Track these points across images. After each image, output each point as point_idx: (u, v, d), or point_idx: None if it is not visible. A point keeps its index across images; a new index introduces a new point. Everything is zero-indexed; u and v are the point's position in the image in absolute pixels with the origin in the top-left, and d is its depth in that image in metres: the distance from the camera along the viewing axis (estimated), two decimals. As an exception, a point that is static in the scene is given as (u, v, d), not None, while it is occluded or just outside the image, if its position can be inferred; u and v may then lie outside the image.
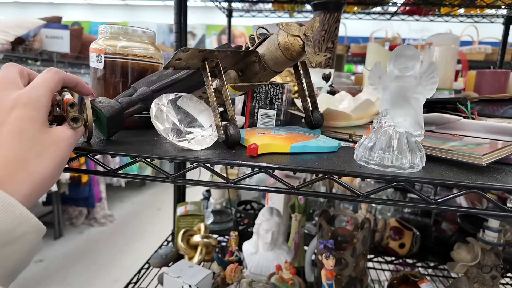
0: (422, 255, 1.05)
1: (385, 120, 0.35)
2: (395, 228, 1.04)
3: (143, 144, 0.41)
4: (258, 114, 0.56)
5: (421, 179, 0.32)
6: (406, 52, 0.34)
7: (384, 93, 0.37)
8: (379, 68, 0.37)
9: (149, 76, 0.46)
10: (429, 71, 0.35)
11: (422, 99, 0.35)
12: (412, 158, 0.34)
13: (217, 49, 0.42)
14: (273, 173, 0.36)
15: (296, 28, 0.40)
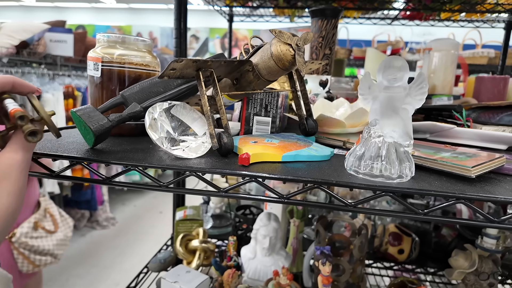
0: (422, 261, 1.05)
1: (375, 130, 0.35)
2: (394, 234, 1.04)
3: (137, 152, 0.42)
4: (253, 121, 0.56)
5: (408, 189, 0.32)
6: (395, 63, 0.35)
7: (374, 103, 0.37)
8: (368, 78, 0.37)
9: (141, 83, 0.47)
10: (418, 81, 0.35)
11: (411, 110, 0.35)
12: (401, 168, 0.34)
13: (211, 59, 0.43)
14: (264, 182, 0.36)
15: (288, 37, 0.41)
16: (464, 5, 1.23)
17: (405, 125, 0.35)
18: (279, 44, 0.41)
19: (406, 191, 0.32)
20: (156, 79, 0.48)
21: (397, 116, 0.35)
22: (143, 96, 0.45)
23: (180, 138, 0.42)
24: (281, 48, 0.41)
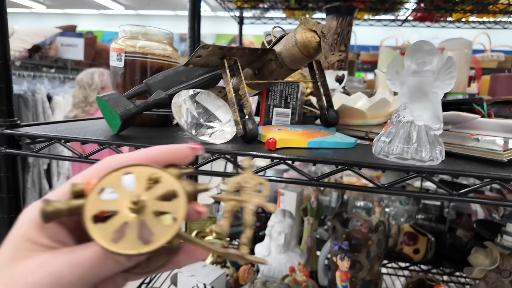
0: (437, 261, 1.03)
1: (404, 114, 0.35)
2: (409, 234, 1.03)
3: (163, 138, 0.42)
4: (273, 113, 0.56)
5: (442, 170, 0.32)
6: (424, 47, 0.35)
7: (402, 88, 0.37)
8: (396, 63, 0.37)
9: (164, 72, 0.47)
10: (447, 65, 0.35)
11: (440, 93, 0.35)
12: (432, 151, 0.34)
13: (236, 46, 0.43)
14: (292, 165, 0.36)
15: (314, 24, 0.41)
16: (477, 5, 1.23)
17: (435, 108, 0.35)
18: (304, 31, 0.42)
19: (440, 171, 0.32)
20: (179, 69, 0.48)
21: (427, 100, 0.35)
22: (167, 84, 0.46)
23: (205, 124, 0.42)
24: (306, 35, 0.41)
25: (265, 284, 0.68)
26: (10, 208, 0.44)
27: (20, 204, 0.45)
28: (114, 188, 0.19)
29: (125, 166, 0.20)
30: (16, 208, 0.45)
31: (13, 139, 0.43)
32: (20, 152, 0.42)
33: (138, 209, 0.19)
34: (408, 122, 0.35)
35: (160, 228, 0.18)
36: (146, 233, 0.19)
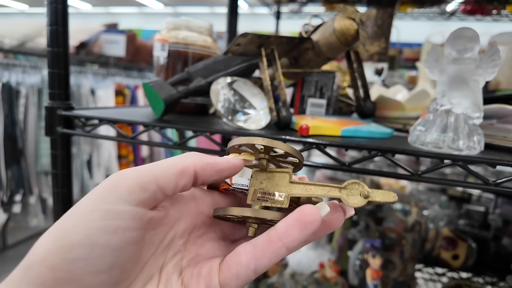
0: (479, 269, 0.98)
1: (442, 102, 0.34)
2: (448, 238, 0.98)
3: (202, 123, 0.45)
4: (307, 104, 0.57)
5: (478, 159, 0.31)
6: (465, 34, 0.34)
7: (441, 76, 0.36)
8: (436, 50, 0.36)
9: (205, 61, 0.49)
10: (490, 53, 0.34)
11: (481, 82, 0.34)
12: (469, 141, 0.33)
13: (273, 35, 0.44)
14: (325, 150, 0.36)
15: (352, 12, 0.41)
16: (535, -3, 1.14)
17: (475, 96, 0.34)
18: (342, 19, 0.42)
19: (476, 159, 0.31)
20: (218, 58, 0.50)
21: (467, 88, 0.34)
22: (207, 72, 0.48)
23: (240, 110, 0.44)
24: (345, 22, 0.42)
25: (293, 277, 0.69)
26: (64, 183, 0.49)
27: (71, 180, 0.49)
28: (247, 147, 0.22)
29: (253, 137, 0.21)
30: (68, 184, 0.49)
31: (69, 120, 0.47)
32: (75, 132, 0.47)
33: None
34: (446, 110, 0.34)
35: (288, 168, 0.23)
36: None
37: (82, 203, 0.17)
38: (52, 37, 0.45)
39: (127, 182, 0.18)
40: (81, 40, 2.24)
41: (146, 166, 0.19)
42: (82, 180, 2.34)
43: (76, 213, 0.17)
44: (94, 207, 0.17)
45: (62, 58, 0.46)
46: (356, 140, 0.40)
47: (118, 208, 0.17)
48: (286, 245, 0.19)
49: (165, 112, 0.44)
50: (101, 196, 0.17)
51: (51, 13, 0.45)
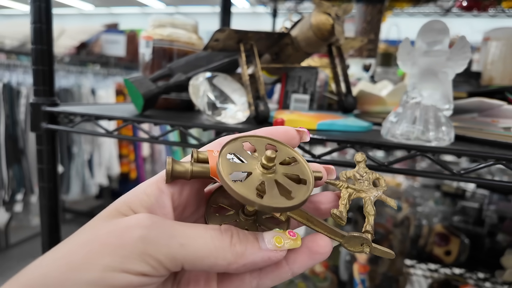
0: (473, 265, 0.98)
1: (412, 94, 0.35)
2: (441, 234, 0.98)
3: (182, 118, 0.45)
4: (291, 99, 0.57)
5: (444, 150, 0.31)
6: (435, 26, 0.34)
7: (413, 69, 0.36)
8: (407, 44, 0.37)
9: (187, 57, 0.50)
10: (461, 45, 0.34)
11: (451, 74, 0.34)
12: (438, 132, 0.33)
13: (252, 31, 0.45)
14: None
15: (328, 7, 0.42)
16: (530, -8, 1.13)
17: (445, 88, 0.34)
18: (318, 14, 0.42)
19: (441, 151, 0.31)
20: (201, 54, 0.51)
21: (436, 80, 0.34)
22: (188, 68, 0.49)
23: (220, 105, 0.45)
24: (321, 17, 0.42)
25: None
26: (50, 178, 0.50)
27: (57, 175, 0.50)
28: (238, 153, 0.20)
29: (243, 136, 0.20)
30: (54, 179, 0.50)
31: (53, 116, 0.48)
32: (59, 128, 0.48)
33: (271, 169, 0.19)
34: (416, 102, 0.35)
35: (295, 187, 0.19)
36: (284, 191, 0.19)
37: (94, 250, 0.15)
38: (36, 35, 0.46)
39: (157, 246, 0.16)
40: (82, 40, 2.26)
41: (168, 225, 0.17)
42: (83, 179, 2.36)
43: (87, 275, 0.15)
44: (113, 273, 0.15)
45: (46, 55, 0.47)
46: (331, 133, 0.40)
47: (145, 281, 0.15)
48: (292, 270, 0.19)
49: (145, 107, 0.44)
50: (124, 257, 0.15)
51: (35, 11, 0.46)
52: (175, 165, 0.19)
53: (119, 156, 2.56)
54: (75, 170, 2.31)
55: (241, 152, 0.20)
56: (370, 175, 0.23)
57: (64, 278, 0.14)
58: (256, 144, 0.21)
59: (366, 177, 0.23)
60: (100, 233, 0.16)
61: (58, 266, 0.15)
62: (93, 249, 0.15)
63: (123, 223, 0.16)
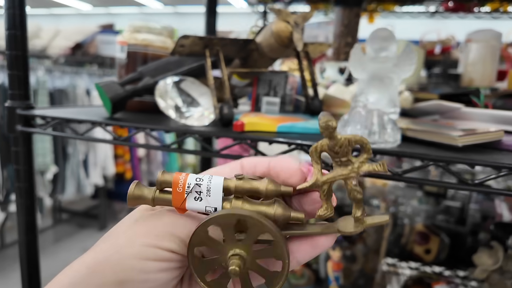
0: (453, 263, 0.99)
1: (360, 99, 0.37)
2: (421, 233, 1.00)
3: (150, 121, 0.47)
4: (262, 102, 0.59)
5: (388, 152, 0.33)
6: (380, 34, 0.36)
7: (362, 74, 0.38)
8: (358, 50, 0.38)
9: (157, 61, 0.52)
10: (406, 52, 0.36)
11: (396, 79, 0.36)
12: (384, 135, 0.35)
13: (217, 37, 0.46)
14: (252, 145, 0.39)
15: (287, 15, 0.44)
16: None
17: (390, 93, 0.36)
18: (278, 21, 0.44)
19: (383, 152, 0.33)
20: (172, 59, 0.53)
21: (382, 85, 0.36)
22: (158, 72, 0.51)
23: (187, 109, 0.46)
24: (280, 25, 0.44)
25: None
26: (25, 178, 0.52)
27: (33, 175, 0.52)
28: (206, 246, 0.19)
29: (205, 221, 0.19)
30: (30, 179, 0.52)
31: (27, 119, 0.50)
32: (33, 130, 0.49)
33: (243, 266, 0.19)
34: (363, 106, 0.36)
35: (269, 275, 0.19)
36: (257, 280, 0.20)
37: (136, 234, 0.19)
38: (10, 41, 0.48)
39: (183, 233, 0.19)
40: (77, 41, 2.28)
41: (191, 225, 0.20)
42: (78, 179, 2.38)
43: (133, 249, 0.18)
44: (150, 248, 0.18)
45: (21, 61, 0.49)
46: (291, 136, 0.42)
47: (173, 256, 0.19)
48: (296, 259, 0.20)
49: (114, 110, 0.46)
50: (158, 237, 0.19)
51: (9, 18, 0.47)
52: (133, 191, 0.20)
53: (115, 156, 2.58)
54: (70, 170, 2.32)
55: (209, 243, 0.19)
56: (347, 146, 0.19)
57: (111, 253, 0.18)
58: (223, 226, 0.19)
59: (342, 150, 0.19)
60: (137, 220, 0.20)
61: (107, 248, 0.19)
62: (132, 233, 0.19)
63: (155, 213, 0.20)
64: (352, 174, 0.19)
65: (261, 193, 0.20)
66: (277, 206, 0.20)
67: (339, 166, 0.19)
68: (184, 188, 0.19)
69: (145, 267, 0.18)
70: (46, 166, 2.07)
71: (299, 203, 0.21)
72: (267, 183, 0.20)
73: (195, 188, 0.19)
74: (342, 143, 0.19)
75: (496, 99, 0.66)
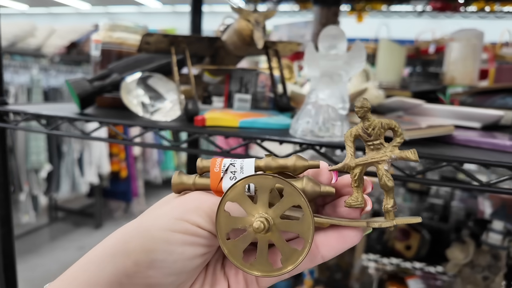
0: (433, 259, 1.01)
1: (311, 95, 0.38)
2: (402, 230, 1.01)
3: (118, 116, 0.49)
4: (235, 99, 0.60)
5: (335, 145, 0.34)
6: (330, 32, 0.37)
7: (315, 71, 0.40)
8: (311, 48, 0.40)
9: (127, 59, 0.53)
10: (356, 50, 0.37)
11: (345, 76, 0.38)
12: (333, 130, 0.37)
13: (182, 35, 0.48)
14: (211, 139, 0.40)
15: (247, 13, 0.45)
16: (495, -6, 1.16)
17: (339, 90, 0.38)
18: (241, 20, 0.46)
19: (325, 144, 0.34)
20: (142, 56, 0.54)
21: (332, 82, 0.38)
22: (127, 69, 0.52)
23: (153, 104, 0.48)
24: (241, 23, 0.45)
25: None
26: (0, 172, 0.53)
27: (7, 169, 0.53)
28: (239, 202, 0.19)
29: (247, 177, 0.19)
30: (4, 174, 0.54)
31: (0, 115, 0.51)
32: (6, 126, 0.51)
33: (266, 229, 0.19)
34: (314, 102, 0.38)
35: (288, 251, 0.19)
36: (274, 255, 0.20)
37: (166, 210, 0.20)
38: (-17, 39, 0.49)
39: (207, 205, 0.20)
40: (72, 40, 2.29)
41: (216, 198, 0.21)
42: (73, 177, 2.39)
43: (161, 221, 0.20)
44: (177, 220, 0.19)
45: (-6, 59, 0.50)
46: (252, 131, 0.43)
47: (199, 231, 0.19)
48: (321, 253, 0.20)
49: (82, 106, 0.48)
50: (185, 211, 0.20)
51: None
52: (179, 178, 0.22)
53: (110, 154, 2.59)
54: (65, 169, 2.34)
55: (242, 201, 0.19)
56: (380, 128, 0.19)
57: (140, 225, 0.20)
58: (260, 187, 0.19)
59: (375, 133, 0.19)
60: (166, 202, 0.22)
61: (136, 221, 0.20)
62: (161, 210, 0.21)
63: (183, 195, 0.22)
64: (384, 157, 0.19)
65: (289, 168, 0.21)
66: (307, 181, 0.20)
67: (372, 150, 0.20)
68: (221, 168, 0.21)
69: (171, 239, 0.19)
70: (40, 164, 2.09)
71: (333, 210, 0.21)
72: (295, 159, 0.21)
73: (230, 168, 0.21)
74: (375, 125, 0.19)
75: (467, 96, 0.68)
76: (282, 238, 0.19)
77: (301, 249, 0.19)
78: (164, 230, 0.19)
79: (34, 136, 1.98)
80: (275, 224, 0.19)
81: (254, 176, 0.19)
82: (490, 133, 0.46)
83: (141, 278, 0.19)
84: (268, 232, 0.19)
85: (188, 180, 0.22)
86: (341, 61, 0.38)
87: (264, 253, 0.19)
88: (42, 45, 2.30)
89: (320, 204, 0.22)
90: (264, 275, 0.19)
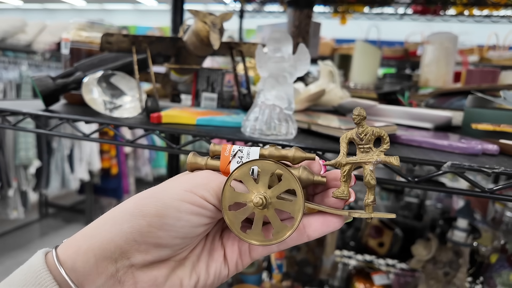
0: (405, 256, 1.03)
1: (260, 96, 0.40)
2: (375, 227, 1.04)
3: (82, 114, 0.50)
4: (202, 97, 0.62)
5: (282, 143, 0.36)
6: (275, 36, 0.39)
7: (264, 72, 0.42)
8: (260, 51, 0.42)
9: (93, 57, 0.55)
10: (300, 52, 0.39)
11: (290, 78, 0.39)
12: (280, 128, 0.39)
13: (143, 35, 0.49)
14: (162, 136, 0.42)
15: (204, 16, 0.47)
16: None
17: (285, 91, 0.39)
18: (198, 22, 0.47)
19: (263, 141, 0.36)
20: (108, 55, 0.56)
21: (277, 83, 0.39)
22: (91, 67, 0.54)
23: (113, 101, 0.49)
24: (199, 25, 0.47)
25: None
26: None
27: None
28: (243, 180, 0.23)
29: (253, 160, 0.23)
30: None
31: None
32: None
33: (264, 205, 0.22)
34: (262, 102, 0.40)
35: (279, 225, 0.23)
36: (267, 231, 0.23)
37: (179, 182, 0.23)
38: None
39: (215, 183, 0.23)
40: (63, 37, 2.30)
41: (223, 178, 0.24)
42: (63, 174, 2.40)
43: (173, 191, 0.23)
44: (187, 192, 0.22)
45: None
46: (207, 129, 0.45)
47: (205, 204, 0.23)
48: (307, 233, 0.24)
49: (46, 103, 0.49)
50: (195, 185, 0.23)
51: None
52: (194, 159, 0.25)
53: (100, 151, 2.59)
54: (55, 165, 2.34)
55: (246, 180, 0.23)
56: (371, 135, 0.23)
57: (155, 192, 0.23)
58: (263, 170, 0.23)
59: (367, 138, 0.23)
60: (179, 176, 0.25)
61: (152, 189, 0.24)
62: (175, 182, 0.24)
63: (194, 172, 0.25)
64: (371, 159, 0.23)
65: (288, 158, 0.24)
66: (303, 170, 0.24)
67: (361, 152, 0.23)
68: (230, 153, 0.24)
69: (181, 207, 0.22)
70: (29, 160, 2.09)
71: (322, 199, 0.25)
72: (294, 151, 0.24)
73: (238, 153, 0.24)
74: (367, 131, 0.23)
75: (430, 98, 0.70)
76: (275, 215, 0.23)
77: (290, 225, 0.23)
78: (176, 199, 0.22)
79: (23, 133, 1.98)
80: (271, 203, 0.23)
81: (258, 160, 0.23)
82: (437, 134, 0.48)
83: (152, 237, 0.22)
84: (265, 208, 0.22)
85: (201, 161, 0.25)
86: (287, 64, 0.40)
87: (259, 225, 0.23)
88: (32, 41, 2.30)
89: (311, 194, 0.26)
90: (258, 243, 0.23)
